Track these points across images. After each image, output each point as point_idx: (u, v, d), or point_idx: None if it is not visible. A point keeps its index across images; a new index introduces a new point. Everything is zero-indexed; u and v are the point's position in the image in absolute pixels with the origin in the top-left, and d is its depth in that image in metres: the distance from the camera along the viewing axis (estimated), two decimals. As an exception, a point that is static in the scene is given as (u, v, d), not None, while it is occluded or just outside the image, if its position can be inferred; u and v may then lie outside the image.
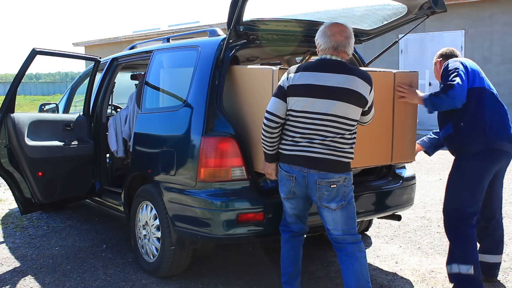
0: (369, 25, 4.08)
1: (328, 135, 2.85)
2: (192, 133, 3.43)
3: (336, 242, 3.01)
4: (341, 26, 2.93)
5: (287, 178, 2.97)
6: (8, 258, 4.31)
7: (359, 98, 2.86)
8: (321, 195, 2.89)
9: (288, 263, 3.18)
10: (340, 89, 2.83)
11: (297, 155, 2.91)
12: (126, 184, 4.17)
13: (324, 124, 2.85)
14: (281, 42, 3.88)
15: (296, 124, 2.91)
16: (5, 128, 4.27)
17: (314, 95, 2.85)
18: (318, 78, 2.86)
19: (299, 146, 2.90)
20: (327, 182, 2.87)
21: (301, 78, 2.88)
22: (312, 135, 2.87)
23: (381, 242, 4.60)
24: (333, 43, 2.88)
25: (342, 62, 2.91)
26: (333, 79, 2.84)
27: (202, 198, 3.28)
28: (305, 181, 2.91)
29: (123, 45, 19.93)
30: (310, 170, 2.88)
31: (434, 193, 6.48)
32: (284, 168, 2.98)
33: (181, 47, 4.06)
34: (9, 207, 6.05)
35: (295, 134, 2.91)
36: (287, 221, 3.16)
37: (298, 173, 2.91)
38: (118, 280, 3.77)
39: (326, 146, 2.86)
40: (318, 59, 2.96)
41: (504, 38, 12.49)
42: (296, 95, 2.88)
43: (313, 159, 2.87)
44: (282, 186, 3.03)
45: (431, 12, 3.80)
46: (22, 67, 4.37)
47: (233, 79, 3.51)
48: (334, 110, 2.83)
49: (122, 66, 4.99)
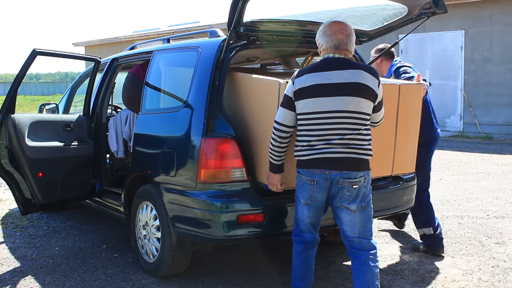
0: (369, 26, 4.08)
1: (346, 133, 2.80)
2: (192, 134, 3.43)
3: (351, 247, 2.95)
4: (341, 24, 2.91)
5: (309, 183, 2.89)
6: (8, 258, 4.31)
7: (368, 91, 2.83)
8: (342, 195, 2.84)
9: (300, 276, 3.08)
10: (349, 84, 2.80)
11: (316, 158, 2.83)
12: (126, 184, 4.17)
13: (338, 122, 2.80)
14: (282, 43, 3.88)
15: (310, 127, 2.85)
16: (5, 128, 4.27)
17: (324, 94, 2.81)
18: (324, 77, 2.83)
19: (317, 149, 2.83)
20: (349, 182, 2.82)
21: (307, 80, 2.85)
22: (329, 135, 2.81)
23: (381, 242, 4.60)
24: (335, 41, 2.86)
25: (346, 59, 2.88)
26: (340, 76, 2.81)
27: (202, 199, 3.28)
28: (327, 183, 2.85)
29: (123, 45, 19.93)
30: (332, 172, 2.82)
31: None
32: (304, 173, 2.90)
33: (181, 48, 4.06)
34: (9, 207, 6.05)
35: (310, 138, 2.85)
36: (301, 229, 3.05)
37: (320, 176, 2.85)
38: (118, 280, 3.77)
39: (345, 145, 2.80)
40: (322, 59, 2.93)
41: (504, 38, 12.49)
42: (305, 97, 2.84)
43: (334, 159, 2.81)
44: (302, 192, 2.94)
45: (432, 13, 3.80)
46: (23, 68, 4.38)
47: (239, 87, 3.49)
48: (346, 106, 2.79)
49: (122, 66, 4.99)
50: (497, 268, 3.92)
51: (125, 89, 4.71)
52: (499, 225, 5.05)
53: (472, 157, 9.53)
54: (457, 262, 4.08)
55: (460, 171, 8.10)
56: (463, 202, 6.03)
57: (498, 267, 3.95)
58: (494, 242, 4.54)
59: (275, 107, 3.07)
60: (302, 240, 3.08)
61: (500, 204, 5.91)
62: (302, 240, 3.08)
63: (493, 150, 10.42)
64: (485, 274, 3.81)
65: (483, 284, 3.63)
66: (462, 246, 4.44)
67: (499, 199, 6.13)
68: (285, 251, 4.42)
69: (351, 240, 2.93)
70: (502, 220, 5.21)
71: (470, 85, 13.02)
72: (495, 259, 4.11)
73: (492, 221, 5.18)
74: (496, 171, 7.99)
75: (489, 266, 3.96)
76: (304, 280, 3.08)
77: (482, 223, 5.13)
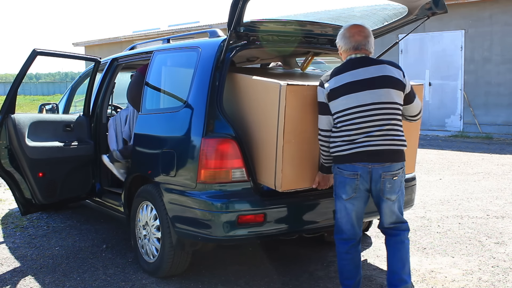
0: (369, 26, 4.06)
1: (383, 123, 2.93)
2: (192, 134, 3.42)
3: (388, 229, 3.12)
4: (359, 26, 3.09)
5: (351, 177, 2.98)
6: (8, 258, 4.31)
7: (395, 82, 2.98)
8: (384, 187, 2.98)
9: (349, 276, 3.14)
10: (377, 78, 2.96)
11: (358, 152, 2.94)
12: (126, 184, 4.17)
13: (374, 113, 2.93)
14: (282, 43, 3.88)
15: (347, 123, 2.97)
16: (5, 129, 4.27)
17: (356, 90, 2.95)
18: (352, 75, 2.98)
19: (358, 143, 2.94)
20: (390, 175, 2.97)
21: (337, 81, 3.00)
22: (368, 127, 2.93)
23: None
24: (353, 43, 3.04)
25: (367, 57, 3.06)
26: (367, 72, 2.98)
27: (202, 200, 3.28)
28: (369, 176, 2.97)
29: (123, 45, 19.92)
30: (374, 165, 2.94)
31: (434, 193, 6.48)
32: (346, 168, 2.99)
33: (182, 48, 4.06)
34: (9, 207, 6.05)
35: (350, 132, 2.96)
36: (343, 229, 3.11)
37: (363, 169, 2.96)
38: (118, 280, 3.77)
39: (384, 137, 2.93)
40: (345, 61, 3.09)
41: (504, 38, 12.49)
42: (338, 96, 2.98)
43: (375, 152, 2.93)
44: (344, 187, 3.03)
45: (432, 13, 3.80)
46: (23, 68, 4.38)
47: (240, 89, 3.48)
48: (378, 98, 2.94)
49: (122, 66, 4.99)
50: (497, 268, 3.92)
51: (131, 86, 4.71)
52: (499, 225, 5.05)
53: (472, 157, 9.53)
54: (457, 262, 4.08)
55: (460, 171, 8.10)
56: (463, 202, 6.03)
57: (498, 267, 3.95)
58: (494, 242, 4.54)
59: (276, 109, 3.07)
60: (346, 239, 3.13)
61: (500, 204, 5.91)
62: (345, 239, 3.13)
63: (493, 150, 10.42)
64: (485, 274, 3.81)
65: (483, 284, 3.63)
66: (462, 246, 4.44)
67: (499, 199, 6.13)
68: (285, 251, 4.43)
69: (389, 228, 3.11)
70: (502, 220, 5.21)
71: (470, 85, 13.02)
72: (495, 259, 4.11)
73: (492, 221, 5.18)
74: (496, 171, 8.00)
75: (489, 266, 3.96)
76: (354, 278, 3.15)
77: (482, 223, 5.13)
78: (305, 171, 3.26)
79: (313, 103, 3.16)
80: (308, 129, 3.19)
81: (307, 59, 4.41)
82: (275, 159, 3.14)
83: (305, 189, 3.33)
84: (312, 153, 3.25)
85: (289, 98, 3.05)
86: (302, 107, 3.14)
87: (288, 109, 3.06)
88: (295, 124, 3.11)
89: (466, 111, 13.10)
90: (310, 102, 3.16)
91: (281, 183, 3.15)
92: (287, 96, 3.04)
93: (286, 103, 3.04)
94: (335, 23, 3.96)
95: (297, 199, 3.39)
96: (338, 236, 3.15)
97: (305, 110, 3.15)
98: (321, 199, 3.47)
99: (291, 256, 4.30)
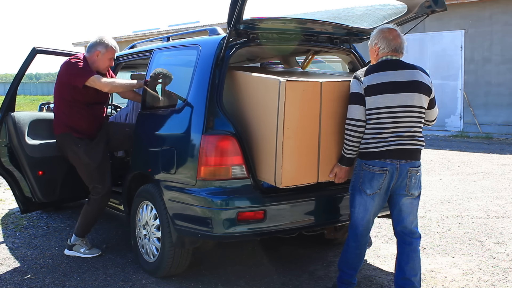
0: (369, 24, 4.07)
1: (412, 125, 3.11)
2: (192, 132, 3.42)
3: (403, 233, 3.23)
4: (397, 30, 3.26)
5: (380, 172, 3.10)
6: (8, 258, 4.30)
7: (426, 88, 3.16)
8: (410, 183, 3.14)
9: (353, 266, 3.32)
10: (412, 82, 3.12)
11: (388, 149, 3.08)
12: (126, 183, 4.16)
13: (406, 115, 3.08)
14: (282, 41, 3.87)
15: (381, 121, 3.08)
16: (5, 127, 4.27)
17: (392, 91, 3.08)
18: (389, 76, 3.11)
19: (389, 141, 3.08)
20: (415, 170, 3.15)
21: (374, 79, 3.11)
22: (399, 128, 3.08)
23: (381, 242, 4.60)
24: (394, 46, 3.19)
25: (401, 61, 3.21)
26: (402, 75, 3.13)
27: (202, 197, 3.27)
28: (396, 172, 3.10)
29: (123, 45, 19.91)
30: (401, 162, 3.10)
31: (434, 193, 6.48)
32: (375, 164, 3.11)
33: (181, 46, 4.05)
34: (9, 207, 6.04)
35: (382, 130, 3.08)
36: (358, 224, 3.22)
37: (391, 166, 3.09)
38: (118, 280, 3.77)
39: (411, 137, 3.11)
40: (380, 61, 3.21)
41: (504, 38, 12.49)
42: (375, 94, 3.09)
43: (403, 150, 3.10)
44: (370, 181, 3.12)
45: (431, 11, 3.79)
46: (23, 66, 4.37)
47: (239, 86, 3.47)
48: (411, 101, 3.09)
49: (122, 65, 4.98)
50: (497, 268, 3.91)
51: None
52: (499, 225, 5.05)
53: (472, 157, 9.53)
54: (457, 262, 4.07)
55: (460, 171, 8.09)
56: (463, 202, 6.03)
57: (498, 267, 3.94)
58: (494, 242, 4.53)
59: (275, 105, 3.06)
60: (359, 235, 3.25)
61: (500, 204, 5.90)
62: (358, 235, 3.25)
63: (493, 150, 10.43)
64: (485, 274, 3.81)
65: (483, 284, 3.62)
66: (462, 246, 4.43)
67: (499, 199, 6.13)
68: (285, 250, 4.42)
69: (405, 227, 3.22)
70: (502, 220, 5.20)
71: (470, 85, 13.03)
72: (495, 259, 4.10)
73: (492, 221, 5.17)
74: (496, 171, 7.99)
75: (489, 266, 3.96)
76: (356, 269, 3.35)
77: (482, 223, 5.13)
78: (305, 167, 3.25)
79: (313, 99, 3.16)
80: (308, 125, 3.19)
81: (308, 58, 4.40)
82: (275, 155, 3.14)
83: (305, 185, 3.33)
84: (312, 149, 3.24)
85: (288, 94, 3.05)
86: (302, 103, 3.14)
87: (288, 105, 3.05)
88: (295, 120, 3.10)
89: (466, 111, 13.10)
90: (310, 98, 3.16)
91: (281, 179, 3.14)
92: (287, 92, 3.03)
93: (285, 99, 3.04)
94: (335, 21, 3.95)
95: (298, 195, 3.38)
96: (352, 231, 3.27)
97: (305, 106, 3.15)
98: (322, 196, 3.47)
99: (291, 256, 4.29)
